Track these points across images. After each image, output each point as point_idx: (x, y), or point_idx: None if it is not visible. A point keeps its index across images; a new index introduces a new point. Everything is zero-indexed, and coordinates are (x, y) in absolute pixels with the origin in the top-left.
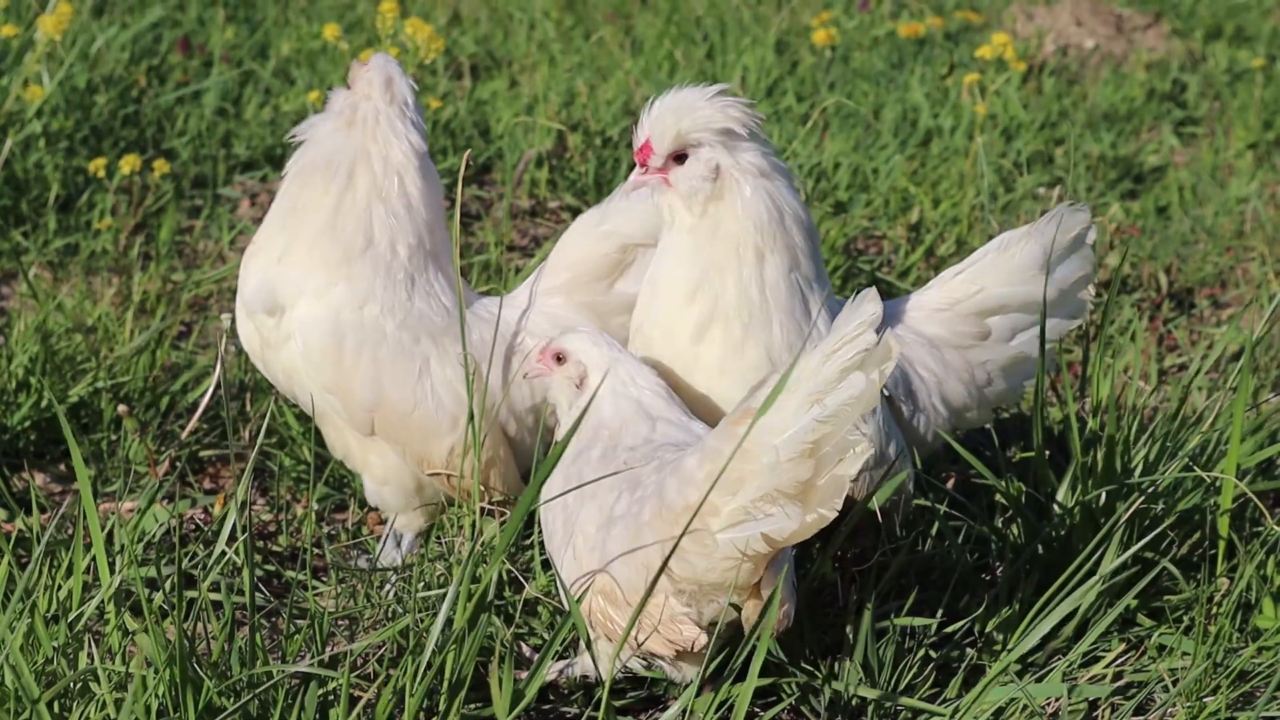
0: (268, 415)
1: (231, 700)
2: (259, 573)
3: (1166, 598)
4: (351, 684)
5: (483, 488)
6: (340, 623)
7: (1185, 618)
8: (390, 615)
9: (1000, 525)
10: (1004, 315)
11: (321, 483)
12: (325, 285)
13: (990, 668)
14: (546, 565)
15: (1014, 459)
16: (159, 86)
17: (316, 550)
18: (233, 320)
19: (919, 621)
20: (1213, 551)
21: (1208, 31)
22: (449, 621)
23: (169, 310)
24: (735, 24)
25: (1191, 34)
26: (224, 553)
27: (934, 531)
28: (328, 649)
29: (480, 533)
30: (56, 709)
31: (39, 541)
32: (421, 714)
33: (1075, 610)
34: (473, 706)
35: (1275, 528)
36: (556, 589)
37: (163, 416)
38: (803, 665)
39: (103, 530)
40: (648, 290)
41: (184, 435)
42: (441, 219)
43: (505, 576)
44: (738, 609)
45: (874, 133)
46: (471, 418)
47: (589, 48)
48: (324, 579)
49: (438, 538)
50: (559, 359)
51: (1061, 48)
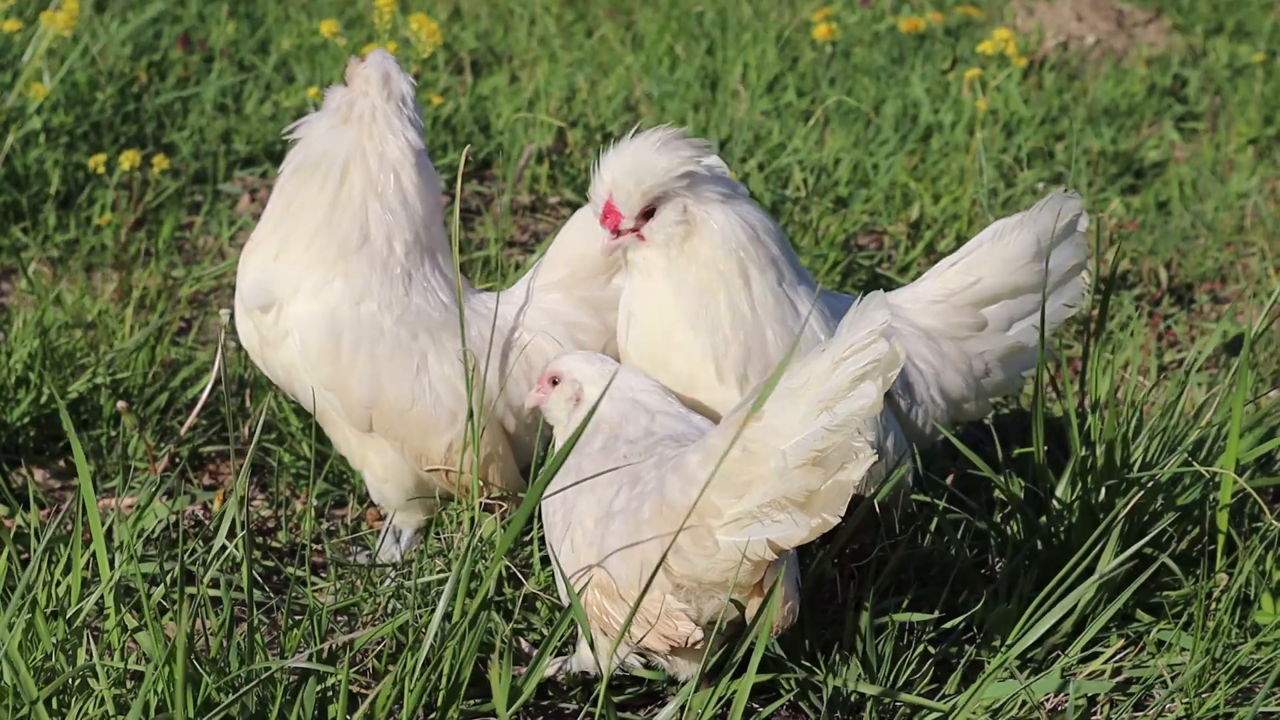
0: (263, 410)
1: (230, 696)
2: (258, 569)
3: (1165, 593)
4: (350, 680)
5: (481, 483)
6: (339, 619)
7: (1184, 613)
8: (389, 611)
9: (999, 521)
10: (1000, 305)
11: (321, 479)
12: (322, 282)
13: (989, 664)
14: (546, 561)
15: (1013, 455)
16: (160, 82)
17: (316, 546)
18: (232, 316)
19: (918, 617)
20: (1212, 547)
21: (1208, 27)
22: (448, 617)
23: (169, 306)
24: (736, 19)
25: (1192, 29)
26: (224, 548)
27: (933, 527)
28: (326, 644)
29: (479, 529)
30: (55, 705)
31: (38, 537)
32: (420, 710)
33: (1074, 606)
34: (471, 703)
35: (1274, 523)
36: (556, 583)
37: (162, 412)
38: (802, 661)
39: (102, 526)
40: (638, 332)
41: (183, 431)
42: (439, 215)
43: (505, 572)
44: (740, 607)
45: (874, 128)
46: (471, 414)
47: (590, 43)
48: (323, 575)
49: (437, 534)
50: (554, 382)
51: (1062, 43)
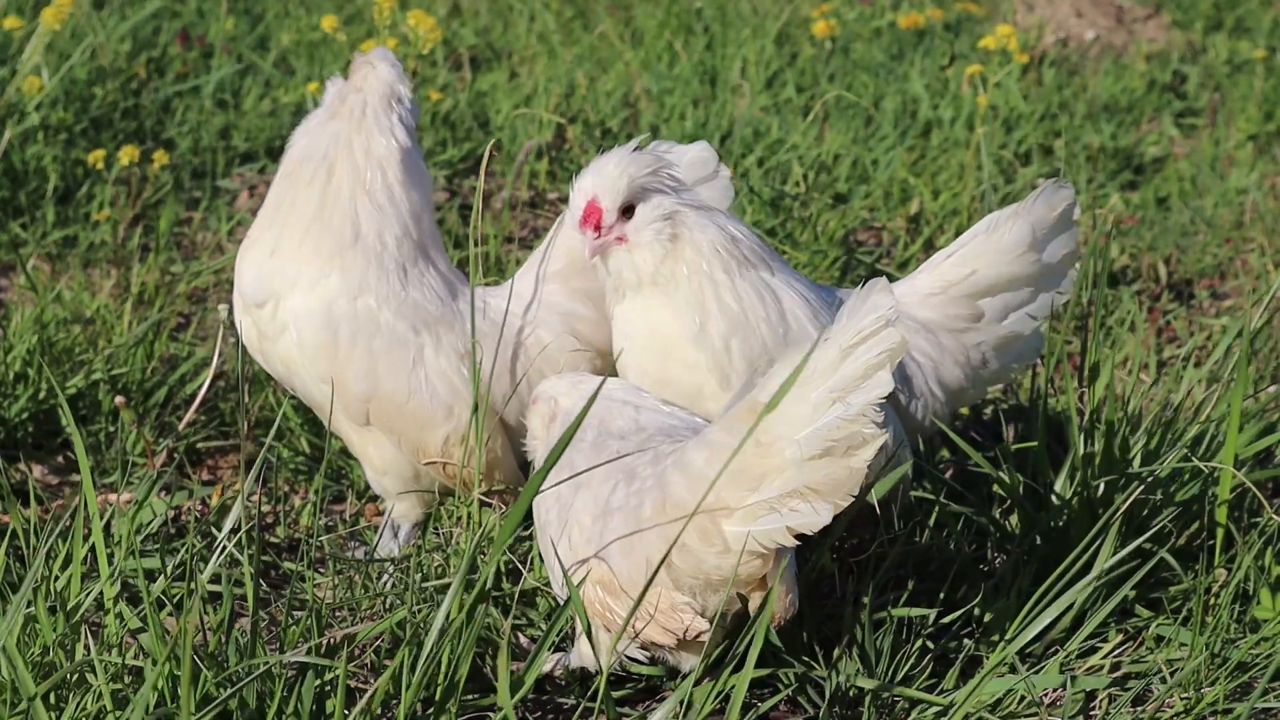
0: (254, 405)
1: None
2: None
3: (1164, 588)
4: (349, 675)
5: (481, 477)
6: (338, 614)
7: (1183, 608)
8: (388, 606)
9: (998, 516)
10: (996, 296)
11: (320, 474)
12: (318, 277)
13: (988, 658)
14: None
15: (1012, 449)
16: (158, 78)
17: (314, 541)
18: (230, 311)
19: (917, 612)
20: (1211, 542)
21: (1208, 23)
22: (446, 613)
23: (167, 301)
24: (735, 15)
25: (1192, 25)
26: (222, 543)
27: (932, 522)
28: (325, 639)
29: (484, 526)
30: (53, 700)
31: (37, 533)
32: (419, 705)
33: (1073, 601)
34: (470, 697)
35: (1274, 517)
36: (550, 580)
37: (160, 408)
38: (801, 655)
39: (101, 521)
40: (636, 355)
41: (181, 426)
42: (429, 210)
43: (503, 567)
44: (744, 599)
45: (874, 124)
46: (475, 409)
47: (589, 39)
48: (322, 570)
49: (435, 528)
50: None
51: (1062, 39)
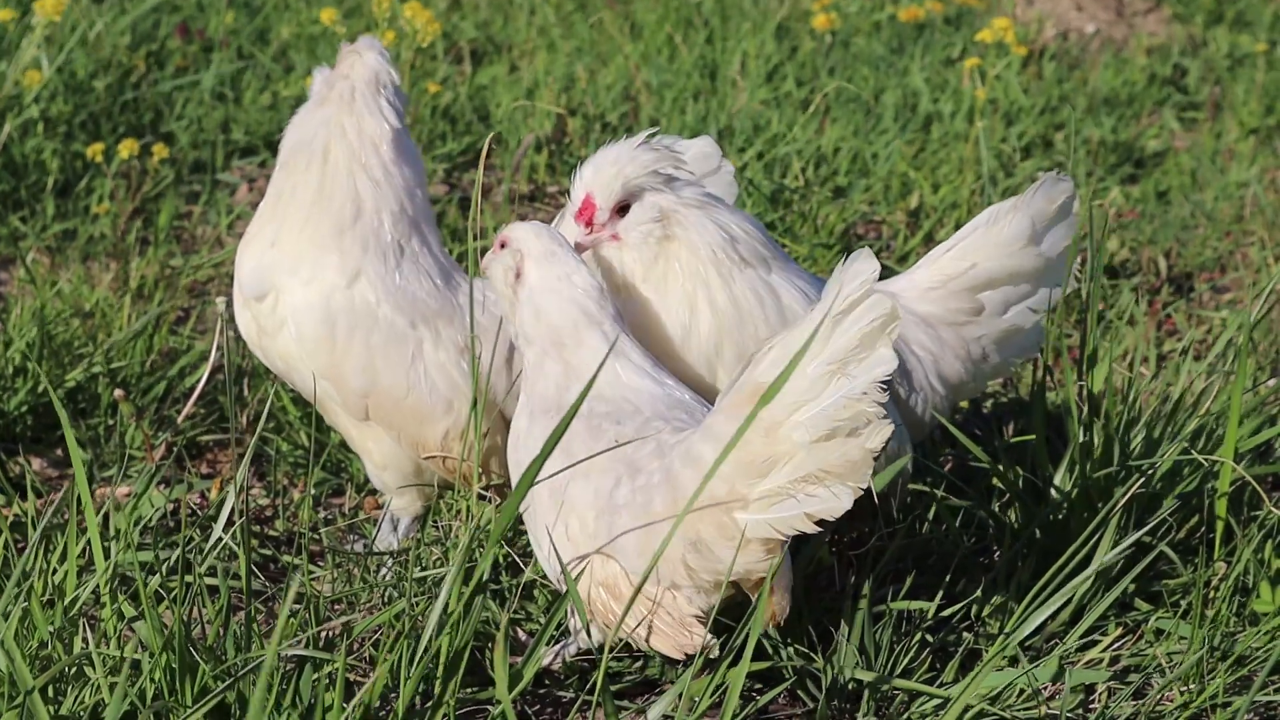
0: (269, 402)
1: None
2: (255, 557)
3: (1164, 582)
4: (348, 668)
5: (481, 471)
6: (336, 607)
7: (1182, 602)
8: (386, 599)
9: (998, 509)
10: (996, 289)
11: (318, 468)
12: (317, 267)
13: (987, 651)
14: None
15: (1011, 442)
16: (158, 71)
17: (313, 535)
18: (229, 304)
19: (916, 605)
20: (1210, 536)
21: (1209, 16)
22: (445, 606)
23: (167, 295)
24: (735, 9)
25: (1192, 19)
26: (220, 537)
27: (931, 515)
28: (323, 632)
29: (478, 518)
30: (51, 693)
31: (35, 526)
32: (417, 698)
33: (1072, 595)
34: (468, 690)
35: (1273, 511)
36: (542, 565)
37: (160, 401)
38: (799, 648)
39: (98, 515)
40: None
41: (180, 419)
42: (422, 187)
43: (502, 560)
44: (746, 595)
45: (874, 117)
46: (475, 403)
47: (589, 32)
48: (320, 564)
49: (434, 522)
50: (503, 246)
51: (1062, 32)
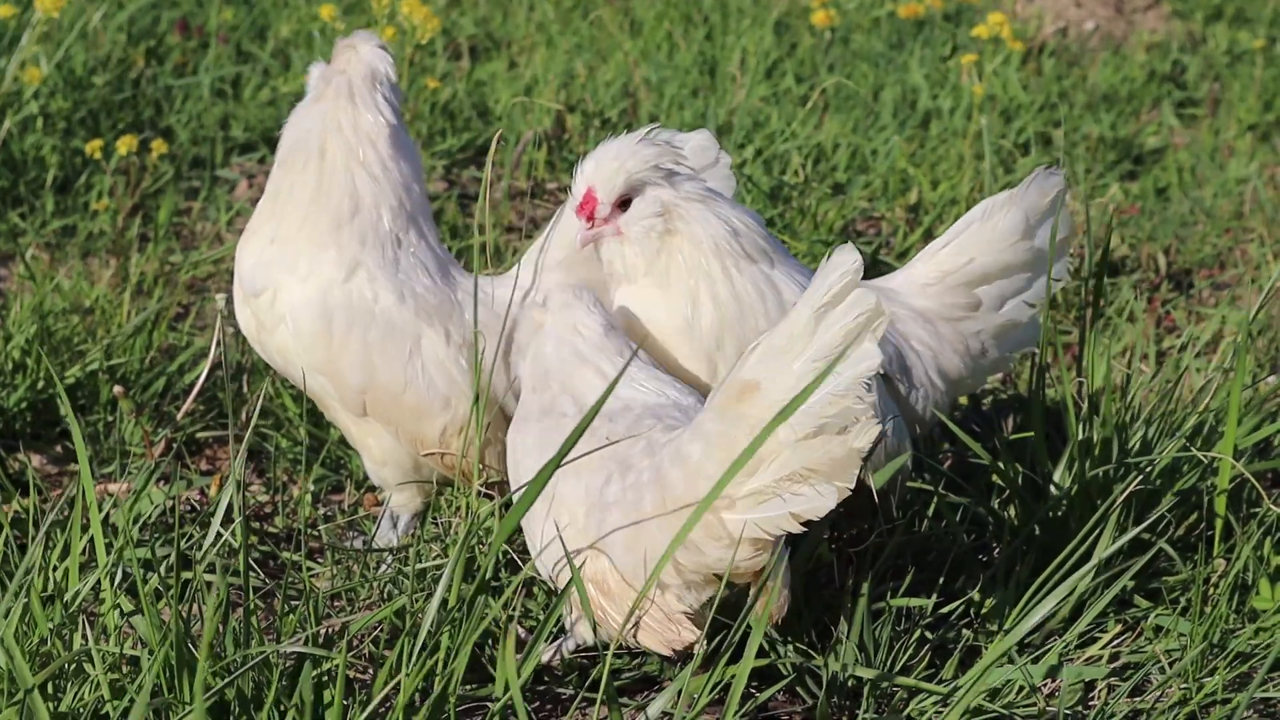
0: (260, 396)
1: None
2: (255, 554)
3: (1163, 579)
4: (348, 665)
5: (480, 467)
6: (336, 603)
7: (1182, 599)
8: (386, 596)
9: (997, 506)
10: (992, 284)
11: (318, 464)
12: (314, 263)
13: (987, 648)
14: None
15: (1010, 439)
16: (157, 67)
17: (312, 531)
18: (229, 300)
19: (915, 602)
20: (1209, 532)
21: (1208, 13)
22: (444, 602)
23: (166, 291)
24: (735, 5)
25: (1192, 15)
26: (220, 534)
27: (931, 512)
28: (323, 629)
29: (474, 515)
30: (50, 690)
31: (35, 523)
32: (418, 695)
33: (1072, 591)
34: (469, 687)
35: (1273, 507)
36: (536, 563)
37: (159, 397)
38: (799, 645)
39: (99, 511)
40: (634, 340)
41: (179, 416)
42: (419, 181)
43: (501, 558)
44: (746, 592)
45: (873, 114)
46: (476, 399)
47: (588, 29)
48: (320, 560)
49: (434, 519)
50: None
51: (1061, 29)
